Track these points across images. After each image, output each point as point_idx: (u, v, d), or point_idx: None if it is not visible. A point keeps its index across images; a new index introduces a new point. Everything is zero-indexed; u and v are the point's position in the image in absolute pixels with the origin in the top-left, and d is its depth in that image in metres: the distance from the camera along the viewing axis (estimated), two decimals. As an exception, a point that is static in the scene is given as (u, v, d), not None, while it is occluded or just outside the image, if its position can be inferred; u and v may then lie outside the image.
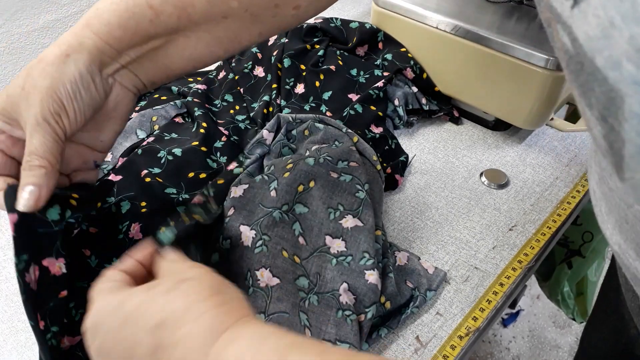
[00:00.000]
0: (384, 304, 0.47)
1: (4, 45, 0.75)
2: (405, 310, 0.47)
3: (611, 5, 0.19)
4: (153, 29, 0.39)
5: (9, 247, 0.53)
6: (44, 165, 0.36)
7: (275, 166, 0.52)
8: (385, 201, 0.59)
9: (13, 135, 0.39)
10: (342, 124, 0.57)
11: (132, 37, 0.38)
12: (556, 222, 0.57)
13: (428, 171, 0.63)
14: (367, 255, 0.47)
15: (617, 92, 0.20)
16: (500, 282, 0.51)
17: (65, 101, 0.37)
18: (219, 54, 0.43)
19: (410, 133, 0.68)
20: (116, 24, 0.38)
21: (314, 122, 0.58)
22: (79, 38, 0.38)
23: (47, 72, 0.37)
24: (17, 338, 0.46)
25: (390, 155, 0.62)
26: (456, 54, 0.65)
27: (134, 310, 0.30)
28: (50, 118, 0.36)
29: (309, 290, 0.46)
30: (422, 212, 0.58)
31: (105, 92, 0.40)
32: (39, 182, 0.36)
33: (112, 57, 0.39)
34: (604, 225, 0.34)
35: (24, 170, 0.36)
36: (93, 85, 0.38)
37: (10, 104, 0.37)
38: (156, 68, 0.41)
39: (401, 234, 0.56)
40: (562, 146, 0.67)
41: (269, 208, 0.48)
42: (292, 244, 0.47)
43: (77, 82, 0.37)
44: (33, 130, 0.36)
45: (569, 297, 0.89)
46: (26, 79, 0.37)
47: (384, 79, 0.67)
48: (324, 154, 0.52)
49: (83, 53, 0.37)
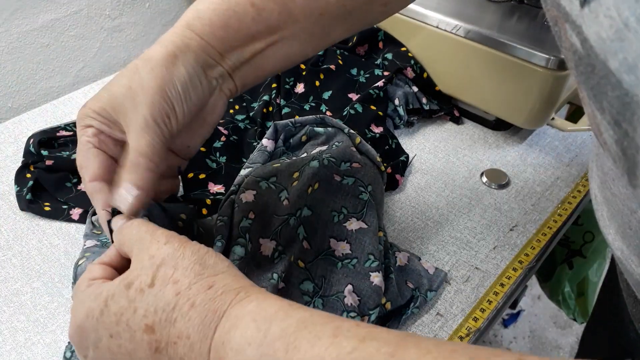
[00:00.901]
0: (385, 304, 0.46)
1: (3, 44, 0.75)
2: (405, 310, 0.47)
3: (625, 6, 0.18)
4: (255, 27, 0.38)
5: (9, 247, 0.53)
6: (152, 168, 0.34)
7: (280, 174, 0.50)
8: (386, 201, 0.58)
9: (112, 136, 0.37)
10: (343, 125, 0.57)
11: (235, 37, 0.37)
12: (557, 222, 0.57)
13: (428, 171, 0.63)
14: (372, 257, 0.47)
15: (633, 97, 0.20)
16: (501, 283, 0.51)
17: (175, 103, 0.35)
18: (308, 52, 0.42)
19: (410, 133, 0.68)
20: (218, 24, 0.37)
21: (313, 126, 0.57)
22: (183, 39, 0.36)
23: (156, 72, 0.35)
24: (17, 338, 0.46)
25: (390, 155, 0.62)
26: (457, 54, 0.64)
27: (119, 320, 0.29)
28: (160, 119, 0.35)
29: (314, 294, 0.46)
30: (422, 212, 0.58)
31: (209, 95, 0.38)
32: (146, 187, 0.34)
33: (216, 60, 0.38)
34: (606, 230, 0.34)
35: (129, 173, 0.34)
36: (200, 88, 0.37)
37: (114, 103, 0.36)
38: (251, 70, 0.40)
39: (401, 234, 0.55)
40: (563, 146, 0.67)
41: (284, 216, 0.47)
42: (298, 249, 0.47)
43: (187, 84, 0.36)
44: (142, 131, 0.34)
45: (570, 297, 0.89)
46: (132, 78, 0.35)
47: (384, 79, 0.67)
48: (327, 155, 0.51)
49: (190, 54, 0.36)
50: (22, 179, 0.57)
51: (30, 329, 0.46)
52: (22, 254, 0.52)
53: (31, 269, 0.51)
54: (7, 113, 1.10)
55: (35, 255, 0.52)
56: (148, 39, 1.31)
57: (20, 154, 0.61)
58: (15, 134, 0.66)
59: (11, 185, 0.58)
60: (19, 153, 0.62)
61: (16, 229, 0.55)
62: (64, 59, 1.15)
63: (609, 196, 0.32)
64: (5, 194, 0.58)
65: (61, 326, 0.47)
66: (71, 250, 0.52)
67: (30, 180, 0.56)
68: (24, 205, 0.55)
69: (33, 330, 0.46)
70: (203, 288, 0.28)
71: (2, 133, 0.66)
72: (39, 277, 0.50)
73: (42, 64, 1.11)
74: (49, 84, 1.15)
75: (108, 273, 0.33)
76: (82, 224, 0.55)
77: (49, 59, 1.12)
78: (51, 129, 0.61)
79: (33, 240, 0.53)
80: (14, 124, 0.68)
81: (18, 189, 0.56)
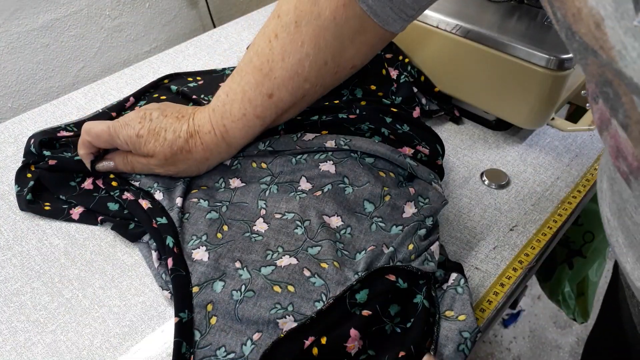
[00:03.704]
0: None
1: (3, 44, 0.75)
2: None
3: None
4: (260, 129, 0.54)
5: (9, 247, 0.53)
6: None
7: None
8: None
9: None
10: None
11: (246, 141, 0.55)
12: (557, 222, 0.57)
13: (428, 171, 0.63)
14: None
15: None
16: (501, 283, 0.51)
17: None
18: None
19: (410, 133, 0.68)
20: (240, 138, 0.54)
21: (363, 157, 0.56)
22: (218, 148, 0.54)
23: (192, 167, 0.54)
24: (17, 338, 0.46)
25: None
26: (457, 54, 0.64)
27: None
28: None
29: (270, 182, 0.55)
30: (422, 212, 0.58)
31: None
32: None
33: None
34: (623, 258, 0.33)
35: None
36: None
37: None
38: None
39: (401, 234, 0.55)
40: (563, 146, 0.67)
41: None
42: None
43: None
44: None
45: (570, 297, 0.89)
46: (182, 155, 0.53)
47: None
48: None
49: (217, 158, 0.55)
50: (23, 179, 0.57)
51: (30, 329, 0.46)
52: (22, 254, 0.52)
53: (31, 269, 0.51)
54: (7, 113, 1.10)
55: (35, 255, 0.52)
56: (148, 39, 1.31)
57: (20, 154, 0.61)
58: (15, 134, 0.66)
59: (11, 185, 0.58)
60: (19, 153, 0.62)
61: (16, 229, 0.55)
62: (64, 59, 1.15)
63: (628, 224, 0.31)
64: (5, 194, 0.58)
65: (61, 326, 0.47)
66: (71, 250, 0.52)
67: (31, 180, 0.56)
68: (24, 205, 0.55)
69: (33, 330, 0.46)
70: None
71: (2, 133, 0.66)
72: (39, 277, 0.50)
73: (42, 64, 1.11)
74: (49, 84, 1.15)
75: None
76: (82, 224, 0.55)
77: (49, 59, 1.12)
78: (51, 129, 0.61)
79: (33, 240, 0.53)
80: (14, 124, 0.68)
81: (18, 189, 0.56)
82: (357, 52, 0.50)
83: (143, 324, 0.47)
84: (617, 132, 0.25)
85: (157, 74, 0.75)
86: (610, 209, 0.34)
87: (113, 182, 0.55)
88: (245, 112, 0.51)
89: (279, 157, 0.56)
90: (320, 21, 0.47)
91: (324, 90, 0.54)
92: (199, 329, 0.44)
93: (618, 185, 0.31)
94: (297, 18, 0.48)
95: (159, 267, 0.49)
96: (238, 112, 0.51)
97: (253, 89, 0.50)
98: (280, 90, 0.50)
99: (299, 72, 0.49)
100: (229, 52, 0.82)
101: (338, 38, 0.48)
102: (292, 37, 0.48)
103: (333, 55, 0.49)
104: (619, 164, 0.26)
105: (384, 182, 0.53)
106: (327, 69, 0.50)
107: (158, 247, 0.49)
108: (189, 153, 0.52)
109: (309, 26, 0.47)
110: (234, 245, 0.49)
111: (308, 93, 0.52)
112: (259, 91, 0.50)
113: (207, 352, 0.42)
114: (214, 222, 0.51)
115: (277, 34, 0.49)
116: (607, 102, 0.24)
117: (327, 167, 0.54)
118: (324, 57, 0.49)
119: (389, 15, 0.47)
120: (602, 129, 0.28)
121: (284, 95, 0.51)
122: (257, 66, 0.50)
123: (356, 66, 0.52)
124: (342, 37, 0.48)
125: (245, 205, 0.53)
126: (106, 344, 0.45)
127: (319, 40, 0.48)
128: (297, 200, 0.52)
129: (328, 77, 0.52)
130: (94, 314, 0.47)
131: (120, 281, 0.50)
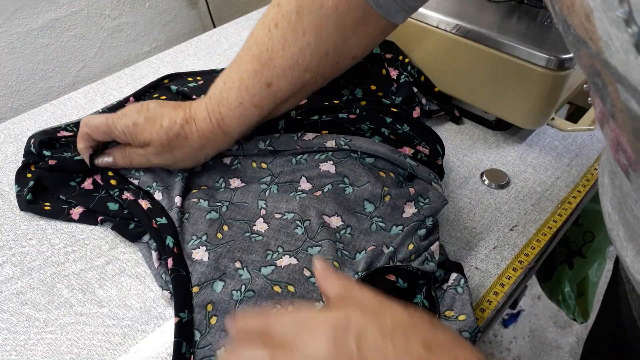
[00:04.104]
0: None
1: (3, 44, 0.75)
2: None
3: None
4: (257, 118, 0.53)
5: (9, 247, 0.53)
6: None
7: None
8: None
9: None
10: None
11: (243, 129, 0.54)
12: (557, 222, 0.57)
13: (428, 171, 0.63)
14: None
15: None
16: (501, 283, 0.51)
17: None
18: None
19: (410, 133, 0.68)
20: (237, 127, 0.53)
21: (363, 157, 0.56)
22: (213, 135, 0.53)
23: (189, 155, 0.54)
24: (17, 338, 0.46)
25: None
26: (457, 54, 0.64)
27: None
28: None
29: (270, 182, 0.55)
30: (422, 212, 0.58)
31: None
32: None
33: None
34: (623, 252, 0.33)
35: None
36: None
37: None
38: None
39: (401, 234, 0.55)
40: (563, 146, 0.67)
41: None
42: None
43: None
44: None
45: (570, 297, 0.89)
46: (175, 150, 0.53)
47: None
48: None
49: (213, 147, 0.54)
50: (23, 179, 0.57)
51: (30, 329, 0.46)
52: (22, 254, 0.52)
53: (31, 269, 0.51)
54: (7, 113, 1.10)
55: (35, 255, 0.52)
56: (148, 39, 1.31)
57: (20, 154, 0.61)
58: (15, 134, 0.66)
59: (11, 185, 0.58)
60: (19, 153, 0.62)
61: (16, 229, 0.55)
62: (64, 59, 1.15)
63: (629, 218, 0.31)
64: (5, 194, 0.58)
65: (61, 326, 0.47)
66: (71, 250, 0.52)
67: (31, 180, 0.56)
68: (24, 205, 0.55)
69: (33, 330, 0.46)
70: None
71: (2, 133, 0.66)
72: (39, 277, 0.50)
73: (42, 64, 1.11)
74: (49, 84, 1.15)
75: None
76: (82, 224, 0.55)
77: (49, 59, 1.12)
78: (51, 129, 0.61)
79: (33, 240, 0.53)
80: (14, 124, 0.68)
81: (18, 189, 0.56)
82: (358, 43, 0.50)
83: (143, 324, 0.47)
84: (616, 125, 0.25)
85: (157, 74, 0.75)
86: (611, 203, 0.34)
87: (112, 180, 0.55)
88: (243, 101, 0.51)
89: (279, 157, 0.56)
90: (322, 11, 0.47)
91: (324, 81, 0.53)
92: (199, 329, 0.44)
93: (619, 179, 0.31)
94: (299, 7, 0.47)
95: (159, 267, 0.49)
96: (235, 100, 0.51)
97: (251, 78, 0.50)
98: (279, 80, 0.50)
99: (300, 62, 0.49)
100: (229, 52, 0.82)
101: (340, 28, 0.48)
102: (294, 26, 0.48)
103: (334, 45, 0.49)
104: (618, 157, 0.27)
105: (384, 182, 0.53)
106: (328, 59, 0.50)
107: (158, 247, 0.49)
108: (185, 140, 0.52)
109: (310, 15, 0.47)
110: (234, 245, 0.49)
111: (308, 83, 0.51)
112: (257, 80, 0.50)
113: (207, 352, 0.42)
114: (214, 222, 0.51)
115: (278, 23, 0.48)
116: (597, 93, 0.24)
117: (327, 167, 0.54)
118: (325, 47, 0.49)
119: (391, 6, 0.47)
120: (602, 122, 0.28)
121: (283, 85, 0.50)
122: (256, 55, 0.50)
123: (357, 57, 0.52)
124: (344, 27, 0.48)
125: (246, 205, 0.53)
126: (106, 344, 0.45)
127: (320, 30, 0.48)
128: (297, 200, 0.52)
129: (329, 68, 0.51)
130: (94, 314, 0.47)
131: (120, 281, 0.50)
